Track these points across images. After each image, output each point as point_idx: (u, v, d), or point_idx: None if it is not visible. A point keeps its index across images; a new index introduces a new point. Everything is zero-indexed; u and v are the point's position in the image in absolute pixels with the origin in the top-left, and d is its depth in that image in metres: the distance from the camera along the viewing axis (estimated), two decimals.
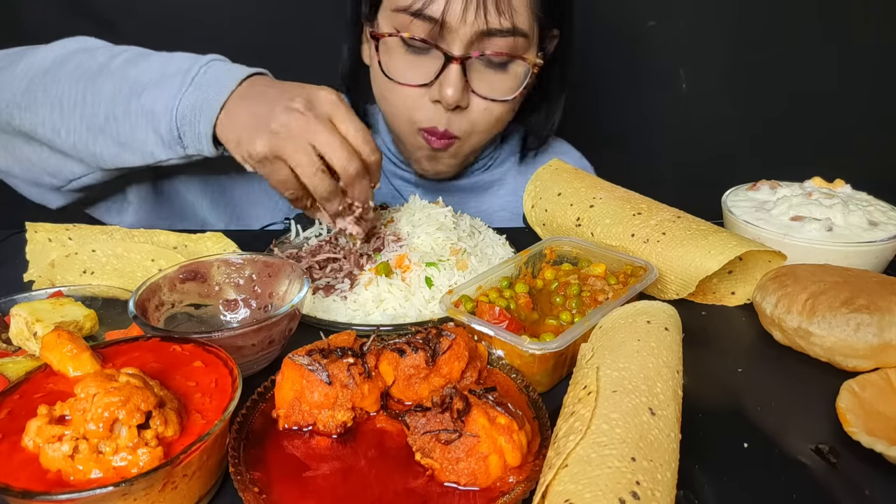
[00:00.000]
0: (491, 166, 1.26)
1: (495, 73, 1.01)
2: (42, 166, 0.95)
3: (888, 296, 0.72)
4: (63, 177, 0.95)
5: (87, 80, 0.88)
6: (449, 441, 0.52)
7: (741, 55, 1.77)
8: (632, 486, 0.45)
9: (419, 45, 0.98)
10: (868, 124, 1.82)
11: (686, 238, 0.84)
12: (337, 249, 0.91)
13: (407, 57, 1.00)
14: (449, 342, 0.62)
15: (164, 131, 0.85)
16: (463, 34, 0.95)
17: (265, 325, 0.65)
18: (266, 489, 0.51)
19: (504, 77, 1.02)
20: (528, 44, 1.00)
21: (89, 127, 0.88)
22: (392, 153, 1.23)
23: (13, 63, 0.92)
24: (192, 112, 0.83)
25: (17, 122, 0.91)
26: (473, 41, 0.96)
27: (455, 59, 0.96)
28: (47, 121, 0.89)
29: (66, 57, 0.90)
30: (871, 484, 0.57)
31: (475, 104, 1.02)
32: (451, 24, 0.94)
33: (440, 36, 0.96)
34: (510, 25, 0.95)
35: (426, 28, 0.95)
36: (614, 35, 1.73)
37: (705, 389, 0.69)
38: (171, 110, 0.84)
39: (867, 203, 0.97)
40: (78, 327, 0.72)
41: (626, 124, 1.87)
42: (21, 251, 0.92)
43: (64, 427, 0.47)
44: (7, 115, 0.91)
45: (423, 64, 0.99)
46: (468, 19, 0.93)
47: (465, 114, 1.03)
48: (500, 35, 0.96)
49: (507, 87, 1.02)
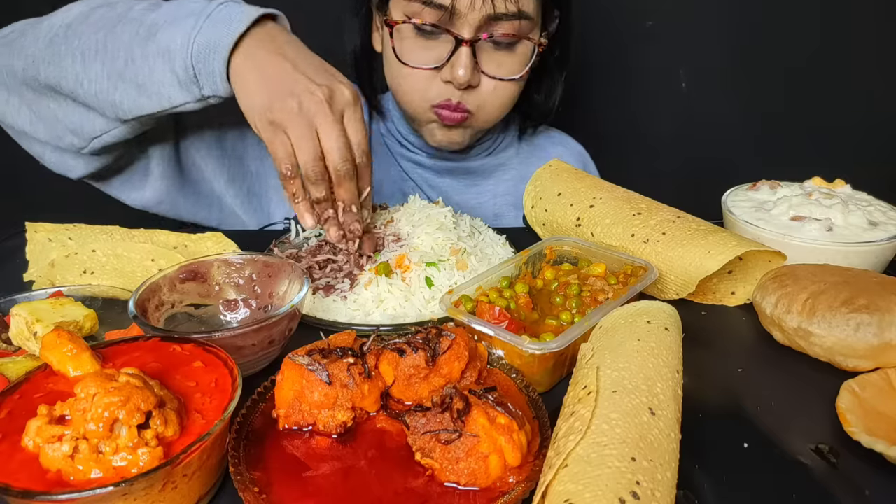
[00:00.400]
0: (495, 150, 1.30)
1: (503, 53, 1.07)
2: (65, 122, 0.96)
3: (888, 296, 0.72)
4: (86, 134, 0.96)
5: (107, 29, 0.90)
6: (449, 441, 0.52)
7: (741, 55, 1.77)
8: (632, 486, 0.45)
9: (430, 30, 1.04)
10: (868, 124, 1.82)
11: (686, 238, 0.84)
12: (337, 250, 0.91)
13: (419, 42, 1.06)
14: (449, 342, 0.62)
15: (179, 70, 0.86)
16: (472, 19, 1.01)
17: (265, 325, 0.65)
18: (266, 489, 0.51)
19: (511, 57, 1.08)
20: (532, 25, 1.07)
21: (109, 74, 0.89)
22: (402, 135, 1.26)
23: (38, 23, 0.95)
24: (205, 50, 0.84)
25: (42, 77, 0.92)
26: (481, 25, 1.02)
27: (465, 42, 1.02)
28: (70, 71, 0.90)
29: (87, 12, 0.93)
30: (871, 484, 0.57)
31: (485, 83, 1.09)
32: (460, 11, 1.00)
33: (450, 21, 1.02)
34: (516, 10, 1.02)
35: (437, 14, 1.02)
36: (614, 35, 1.73)
37: (705, 389, 0.69)
38: (185, 48, 0.84)
39: (867, 203, 0.97)
40: (78, 327, 0.72)
41: (626, 124, 1.86)
42: (21, 251, 0.93)
43: (64, 427, 0.47)
44: (33, 70, 0.93)
45: (434, 47, 1.06)
46: (476, 5, 1.00)
47: (476, 92, 1.09)
48: (507, 18, 1.02)
49: (514, 67, 1.09)
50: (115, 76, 0.89)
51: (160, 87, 0.88)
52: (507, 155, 1.33)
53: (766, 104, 1.82)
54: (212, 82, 0.86)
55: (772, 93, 1.80)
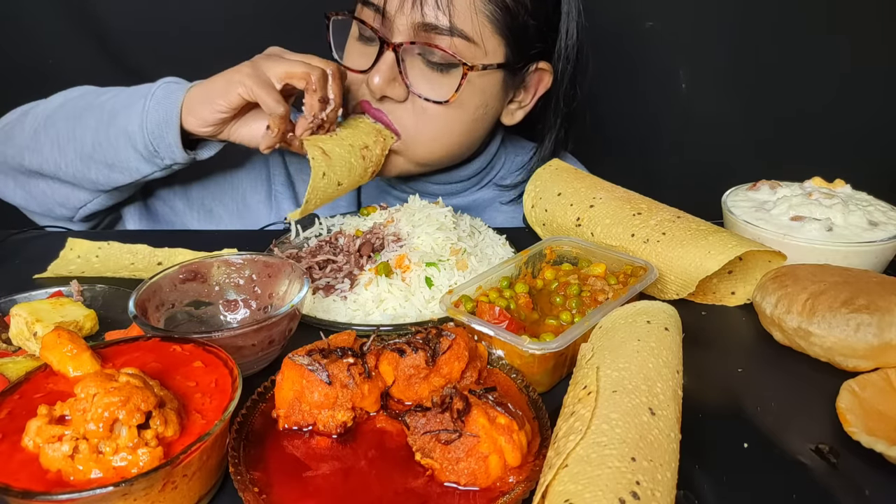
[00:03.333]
0: (487, 185, 1.24)
1: (435, 73, 1.00)
2: (53, 198, 1.07)
3: (888, 296, 0.72)
4: (72, 205, 1.07)
5: (75, 118, 1.02)
6: (449, 441, 0.52)
7: (741, 55, 1.77)
8: (632, 486, 0.45)
9: (367, 33, 1.01)
10: (868, 124, 1.82)
11: (686, 238, 0.84)
12: (337, 250, 0.91)
13: (357, 44, 1.05)
14: (449, 342, 0.62)
15: (141, 149, 0.96)
16: (401, 24, 0.97)
17: (265, 325, 0.65)
18: (266, 489, 0.51)
19: (444, 80, 1.00)
20: (474, 50, 0.98)
21: (82, 157, 1.00)
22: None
23: (25, 114, 1.08)
24: (158, 128, 0.95)
25: (27, 163, 1.04)
26: (413, 35, 0.97)
27: (388, 45, 0.98)
28: (49, 157, 1.02)
29: (63, 103, 1.05)
30: (871, 484, 0.57)
31: (414, 102, 1.02)
32: (390, 13, 0.97)
33: (383, 25, 0.99)
34: (448, 24, 0.96)
35: (372, 15, 1.00)
36: (614, 35, 1.73)
37: (705, 389, 0.69)
38: (142, 129, 0.95)
39: (867, 203, 0.97)
40: (78, 327, 0.72)
41: (626, 124, 1.86)
42: (21, 251, 0.93)
43: (64, 427, 0.47)
44: (20, 158, 1.05)
45: (369, 52, 1.02)
46: (405, 9, 0.96)
47: (402, 109, 1.02)
48: (439, 32, 0.96)
49: (445, 91, 1.00)
50: (86, 158, 1.00)
51: (127, 164, 0.99)
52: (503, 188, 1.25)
53: (765, 104, 1.82)
54: (170, 153, 0.97)
55: (772, 93, 1.80)
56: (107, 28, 1.59)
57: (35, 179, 1.07)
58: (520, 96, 1.13)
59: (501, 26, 0.99)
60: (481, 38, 0.98)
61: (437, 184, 1.20)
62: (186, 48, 1.57)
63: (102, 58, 1.60)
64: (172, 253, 0.95)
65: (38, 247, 0.98)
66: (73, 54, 1.59)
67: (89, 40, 1.60)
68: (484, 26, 0.98)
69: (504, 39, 1.01)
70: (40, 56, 1.59)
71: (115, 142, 0.97)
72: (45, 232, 1.09)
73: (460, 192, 1.23)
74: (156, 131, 0.94)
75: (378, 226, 0.95)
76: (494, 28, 0.99)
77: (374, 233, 0.93)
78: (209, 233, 1.12)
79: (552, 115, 1.17)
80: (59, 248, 0.94)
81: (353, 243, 0.91)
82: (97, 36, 1.59)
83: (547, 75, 1.11)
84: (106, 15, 1.58)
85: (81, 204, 1.06)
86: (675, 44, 1.75)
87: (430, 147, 1.07)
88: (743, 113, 1.83)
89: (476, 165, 1.20)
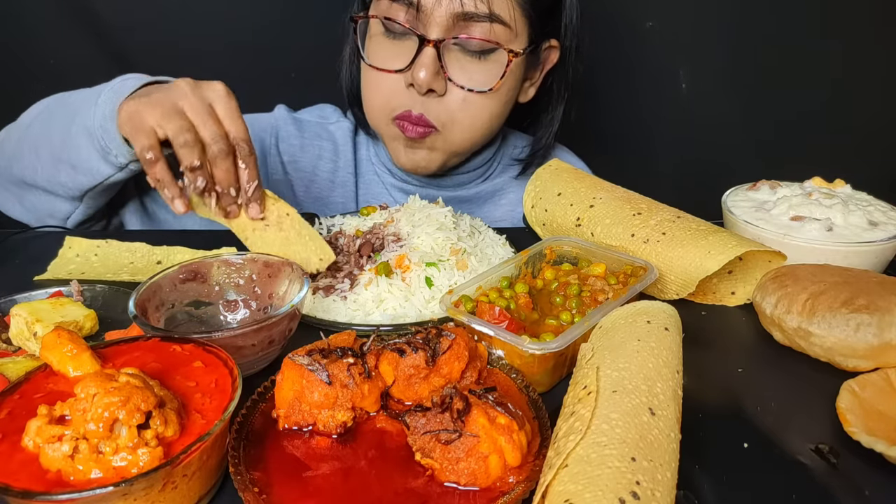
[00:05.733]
0: (490, 176, 1.25)
1: (474, 61, 1.00)
2: (43, 209, 1.05)
3: (888, 296, 0.72)
4: (59, 216, 1.05)
5: (48, 119, 1.00)
6: (449, 441, 0.52)
7: (741, 55, 1.77)
8: (632, 486, 0.45)
9: (398, 29, 0.99)
10: (868, 124, 1.82)
11: (686, 238, 0.84)
12: (336, 250, 0.91)
13: (387, 43, 1.02)
14: (449, 342, 0.62)
15: (97, 145, 0.91)
16: (438, 17, 0.95)
17: (265, 325, 0.65)
18: (266, 489, 0.51)
19: (483, 67, 1.01)
20: (509, 34, 0.99)
21: (52, 158, 0.97)
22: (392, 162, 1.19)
23: (17, 124, 1.06)
24: (103, 121, 0.89)
25: (16, 173, 1.02)
26: (450, 26, 0.97)
27: (428, 42, 0.97)
28: (28, 163, 0.99)
29: (41, 109, 1.03)
30: (871, 484, 0.57)
31: (453, 93, 1.02)
32: (426, 7, 0.95)
33: (417, 20, 0.97)
34: (486, 10, 0.95)
35: (404, 13, 0.97)
36: (614, 35, 1.73)
37: (705, 389, 0.69)
38: (97, 127, 0.90)
39: (867, 203, 0.97)
40: (78, 327, 0.72)
41: (625, 124, 1.86)
42: (21, 251, 0.93)
43: (64, 427, 0.47)
44: (10, 168, 1.03)
45: (401, 50, 1.00)
46: (443, 2, 0.94)
47: (442, 102, 1.02)
48: (477, 20, 0.96)
49: (485, 78, 1.01)
50: (55, 160, 0.96)
51: (88, 164, 0.93)
52: (503, 180, 1.26)
53: (765, 104, 1.82)
54: (119, 148, 0.90)
55: (772, 93, 1.80)
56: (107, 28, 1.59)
57: (25, 190, 1.05)
58: (532, 74, 1.14)
59: (527, 7, 1.01)
60: (514, 20, 0.99)
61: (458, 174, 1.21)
62: (187, 48, 1.58)
63: (104, 58, 1.60)
64: (171, 251, 0.95)
65: (38, 247, 0.98)
66: (75, 54, 1.59)
67: (90, 40, 1.60)
68: (514, 9, 0.99)
69: (528, 20, 1.02)
70: (42, 56, 1.59)
71: (77, 139, 0.93)
72: (45, 232, 1.09)
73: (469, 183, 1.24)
74: (103, 126, 0.89)
75: (378, 226, 0.95)
76: (522, 10, 1.00)
77: (374, 233, 0.93)
78: (208, 232, 1.12)
79: (562, 87, 1.18)
80: (59, 248, 0.94)
81: (353, 243, 0.91)
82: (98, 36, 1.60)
83: (554, 52, 1.12)
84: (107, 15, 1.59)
85: (65, 215, 1.04)
86: (675, 44, 1.75)
87: (467, 135, 1.08)
88: (743, 113, 1.83)
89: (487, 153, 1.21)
